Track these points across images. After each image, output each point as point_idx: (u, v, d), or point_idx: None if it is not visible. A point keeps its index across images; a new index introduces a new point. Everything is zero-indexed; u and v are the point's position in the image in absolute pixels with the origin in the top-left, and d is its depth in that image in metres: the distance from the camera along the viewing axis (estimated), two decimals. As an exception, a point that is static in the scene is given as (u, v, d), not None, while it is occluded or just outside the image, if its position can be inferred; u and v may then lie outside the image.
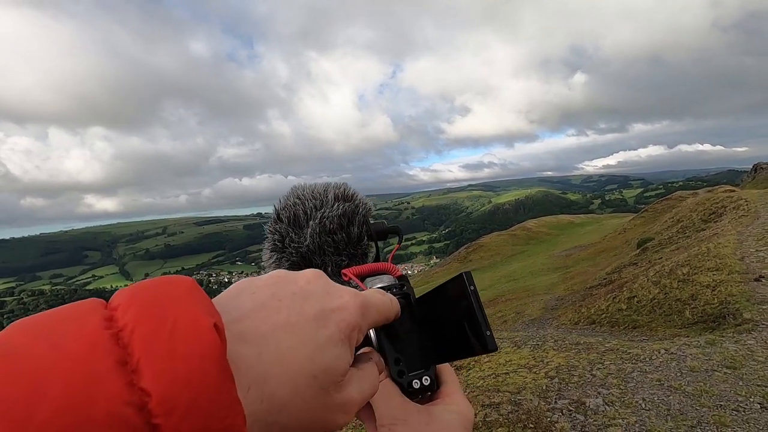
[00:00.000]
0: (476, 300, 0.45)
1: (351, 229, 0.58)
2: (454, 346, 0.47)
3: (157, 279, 0.29)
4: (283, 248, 0.58)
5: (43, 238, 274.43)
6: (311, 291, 0.35)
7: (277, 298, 0.33)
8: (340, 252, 0.58)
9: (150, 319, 0.26)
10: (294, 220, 0.58)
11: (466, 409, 0.49)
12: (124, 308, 0.27)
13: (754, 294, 5.96)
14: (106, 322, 0.26)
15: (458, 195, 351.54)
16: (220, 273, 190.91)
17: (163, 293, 0.28)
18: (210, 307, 0.28)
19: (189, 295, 0.28)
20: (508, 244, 38.33)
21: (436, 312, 0.50)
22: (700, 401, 3.61)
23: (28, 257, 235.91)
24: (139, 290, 0.28)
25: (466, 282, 0.46)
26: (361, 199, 0.62)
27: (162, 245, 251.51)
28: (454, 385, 0.52)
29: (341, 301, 0.35)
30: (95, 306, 0.27)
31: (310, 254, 0.57)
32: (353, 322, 0.35)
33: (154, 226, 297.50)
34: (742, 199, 13.55)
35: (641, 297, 7.57)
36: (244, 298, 0.33)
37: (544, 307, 11.43)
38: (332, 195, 0.59)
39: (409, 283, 0.54)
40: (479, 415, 3.82)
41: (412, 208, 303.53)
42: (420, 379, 0.48)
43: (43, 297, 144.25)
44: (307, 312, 0.33)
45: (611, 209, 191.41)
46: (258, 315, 0.32)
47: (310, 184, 0.61)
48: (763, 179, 43.58)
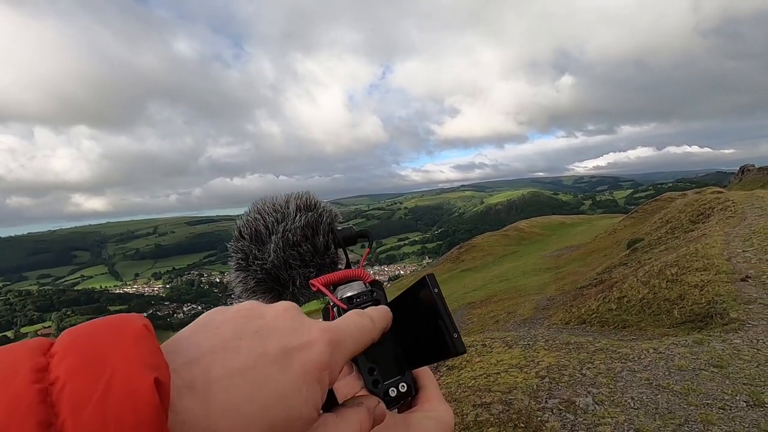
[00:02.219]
0: (441, 302, 0.44)
1: (316, 239, 0.56)
2: (425, 351, 0.46)
3: (102, 321, 0.25)
4: (247, 266, 0.56)
5: (30, 237, 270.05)
6: (275, 328, 0.31)
7: (238, 336, 0.29)
8: (308, 264, 0.55)
9: (84, 373, 0.24)
10: (256, 237, 0.56)
11: (445, 414, 0.47)
12: (60, 357, 0.24)
13: (741, 294, 6.05)
14: (38, 374, 0.24)
15: (450, 195, 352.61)
16: (212, 273, 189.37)
17: (105, 340, 0.25)
18: (155, 356, 0.25)
19: (132, 343, 0.25)
20: (500, 245, 38.51)
21: (405, 316, 0.48)
22: (688, 400, 3.66)
23: (14, 257, 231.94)
24: (79, 335, 0.25)
25: (429, 285, 0.45)
26: (324, 207, 0.59)
27: (152, 245, 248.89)
28: (432, 389, 0.49)
29: (308, 337, 0.31)
30: (33, 352, 0.24)
31: (275, 270, 0.55)
32: (321, 361, 0.31)
33: (145, 225, 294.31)
34: (729, 201, 13.75)
35: (631, 297, 7.65)
36: (206, 335, 0.29)
37: (536, 307, 11.50)
38: (294, 206, 0.57)
39: (382, 289, 0.52)
40: (470, 415, 3.83)
41: (404, 208, 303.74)
42: (396, 387, 0.46)
43: (30, 297, 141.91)
44: (268, 352, 0.29)
45: (602, 210, 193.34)
46: (214, 357, 0.28)
47: (270, 197, 0.59)
48: (749, 181, 44.30)
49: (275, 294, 0.56)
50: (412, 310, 0.47)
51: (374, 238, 0.65)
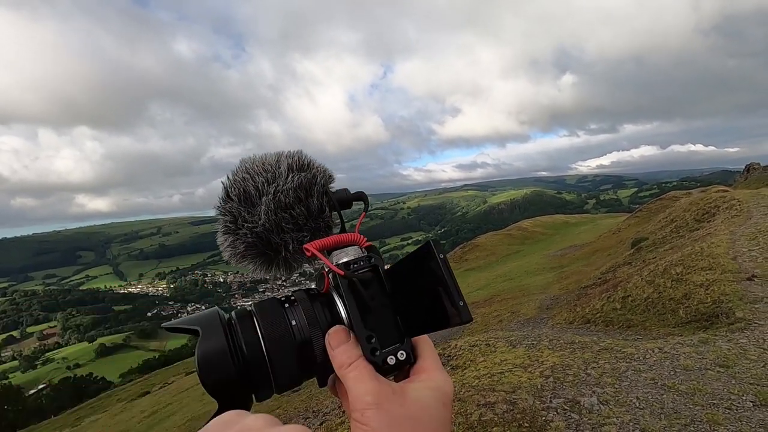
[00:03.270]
0: (446, 269, 0.43)
1: (310, 202, 0.52)
2: (428, 318, 0.45)
3: None
4: (236, 229, 0.52)
5: (35, 238, 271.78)
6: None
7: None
8: (301, 227, 0.52)
9: None
10: (245, 198, 0.52)
11: (443, 383, 0.46)
12: None
13: (747, 293, 6.00)
14: None
15: (453, 195, 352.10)
16: (216, 273, 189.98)
17: None
18: None
19: None
20: (503, 244, 38.40)
21: (407, 283, 0.47)
22: (694, 400, 3.63)
23: (20, 258, 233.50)
24: None
25: (434, 250, 0.43)
26: (318, 167, 0.55)
27: (157, 245, 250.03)
28: (431, 358, 0.48)
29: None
30: None
31: (266, 233, 0.51)
32: None
33: (149, 225, 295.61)
34: (734, 199, 13.66)
35: (635, 296, 7.61)
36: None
37: (539, 307, 11.47)
38: (285, 166, 0.53)
39: (379, 254, 0.51)
40: (474, 415, 3.82)
41: (407, 208, 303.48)
42: (395, 355, 0.45)
43: (36, 297, 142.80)
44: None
45: (606, 209, 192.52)
46: None
47: (260, 156, 0.54)
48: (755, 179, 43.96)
49: (266, 259, 0.53)
50: (414, 276, 0.45)
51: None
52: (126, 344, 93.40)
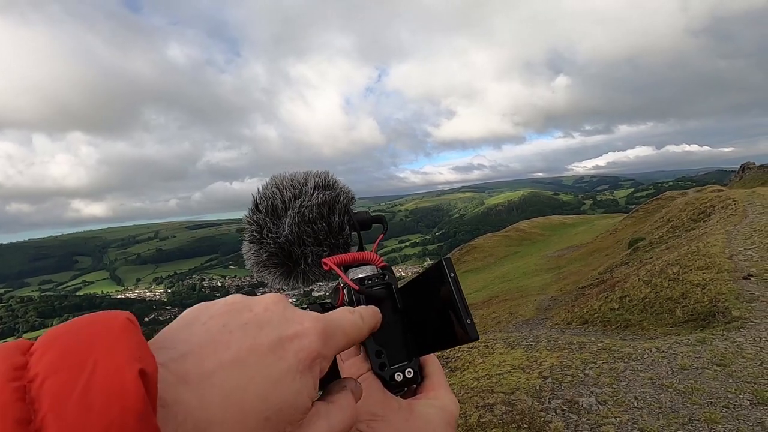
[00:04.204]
0: (456, 287, 0.44)
1: (332, 219, 0.55)
2: (436, 336, 0.46)
3: (86, 318, 0.25)
4: (261, 239, 0.56)
5: (31, 243, 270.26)
6: (266, 319, 0.31)
7: (228, 329, 0.29)
8: (321, 242, 0.55)
9: (65, 368, 0.23)
10: (272, 210, 0.56)
11: (449, 403, 0.47)
12: (40, 354, 0.23)
13: (743, 292, 6.04)
14: (15, 372, 0.23)
15: (451, 197, 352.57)
16: (213, 277, 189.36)
17: (87, 335, 0.24)
18: (140, 349, 0.24)
19: (117, 337, 0.24)
20: (501, 245, 38.48)
21: (417, 302, 0.48)
22: (691, 399, 3.65)
23: (16, 263, 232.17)
24: (62, 332, 0.24)
25: (446, 269, 0.44)
26: (342, 187, 0.59)
27: (154, 250, 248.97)
28: (438, 378, 0.49)
29: (300, 327, 0.31)
30: (10, 352, 0.24)
31: (288, 245, 0.55)
32: (314, 350, 0.31)
33: (146, 230, 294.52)
34: (730, 199, 13.75)
35: (633, 296, 7.64)
36: (194, 330, 0.29)
37: (538, 308, 11.49)
38: (312, 183, 0.56)
39: (392, 273, 0.53)
40: (473, 416, 3.82)
41: (405, 210, 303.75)
42: (402, 372, 0.46)
43: (32, 303, 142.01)
44: (260, 343, 0.29)
45: (603, 209, 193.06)
46: (204, 350, 0.28)
47: (290, 173, 0.58)
48: (750, 179, 44.24)
49: (285, 270, 0.56)
50: (425, 294, 0.47)
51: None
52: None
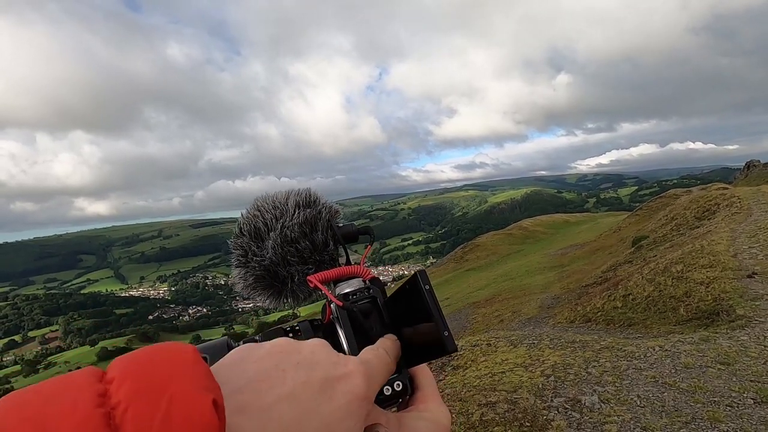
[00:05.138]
0: (432, 300, 0.44)
1: (314, 236, 0.56)
2: (419, 349, 0.46)
3: (155, 348, 0.27)
4: (246, 263, 0.56)
5: (36, 242, 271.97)
6: (316, 360, 0.33)
7: (280, 368, 0.31)
8: (306, 261, 0.55)
9: (144, 396, 0.25)
10: (255, 233, 0.56)
11: (441, 416, 0.46)
12: (119, 382, 0.26)
13: (747, 290, 6.01)
14: (99, 399, 0.25)
15: (453, 195, 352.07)
16: (217, 275, 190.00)
17: (160, 365, 0.26)
18: (209, 380, 0.27)
19: (187, 368, 0.27)
20: (504, 244, 38.41)
21: (402, 314, 0.48)
22: (695, 397, 3.64)
23: (21, 262, 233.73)
24: (134, 361, 0.27)
25: (420, 282, 0.44)
26: (324, 203, 0.59)
27: (157, 248, 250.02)
28: (430, 390, 0.48)
29: (347, 369, 0.33)
30: (90, 380, 0.26)
31: (273, 266, 0.55)
32: (361, 393, 0.33)
33: (150, 229, 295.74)
34: (735, 197, 13.66)
35: (636, 295, 7.61)
36: (248, 366, 0.31)
37: (541, 306, 11.47)
38: (293, 202, 0.57)
39: (381, 285, 0.53)
40: (476, 415, 3.83)
41: (408, 208, 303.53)
42: (391, 386, 0.46)
43: (37, 301, 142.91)
44: (312, 383, 0.32)
45: (606, 208, 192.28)
46: (261, 386, 0.30)
47: (272, 194, 0.59)
48: (755, 177, 43.92)
49: (274, 291, 0.57)
50: (406, 307, 0.47)
51: (378, 238, 0.65)
52: (128, 348, 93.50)
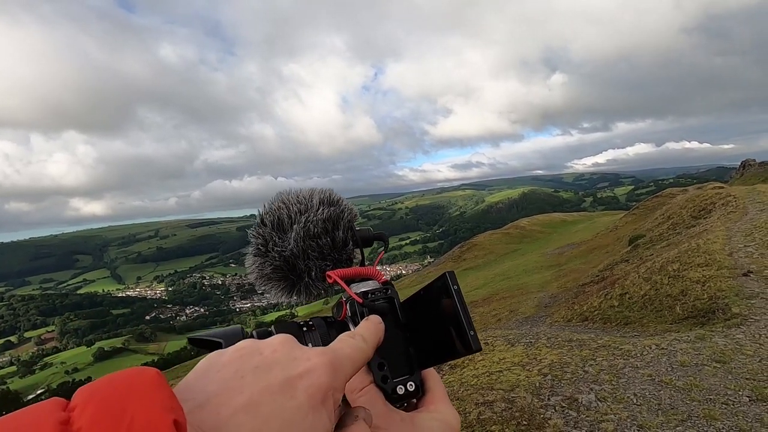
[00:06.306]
0: (460, 300, 0.45)
1: (336, 234, 0.57)
2: (438, 349, 0.47)
3: (117, 374, 0.28)
4: (266, 252, 0.57)
5: (32, 242, 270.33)
6: (275, 360, 0.32)
7: (239, 375, 0.31)
8: (325, 257, 0.57)
9: (105, 420, 0.26)
10: (278, 224, 0.57)
11: (451, 417, 0.47)
12: (81, 408, 0.27)
13: (743, 289, 6.04)
14: (62, 426, 0.26)
15: (450, 194, 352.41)
16: (214, 275, 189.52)
17: (122, 389, 0.27)
18: (171, 400, 0.27)
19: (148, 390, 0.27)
20: (501, 243, 38.48)
21: (420, 315, 0.49)
22: (691, 395, 3.66)
23: (17, 262, 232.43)
24: (98, 387, 0.27)
25: (449, 282, 0.46)
26: (346, 204, 0.60)
27: (154, 248, 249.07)
28: (440, 392, 0.50)
29: (308, 364, 0.33)
30: (53, 408, 0.27)
31: (293, 258, 0.56)
32: (323, 384, 0.33)
33: (146, 229, 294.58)
34: (730, 196, 13.73)
35: (633, 293, 7.64)
36: (210, 378, 0.31)
37: (538, 305, 11.50)
38: (317, 199, 0.58)
39: (394, 288, 0.54)
40: (473, 414, 3.83)
41: (405, 208, 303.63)
42: (404, 385, 0.47)
43: (33, 302, 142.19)
44: (271, 385, 0.31)
45: (603, 207, 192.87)
46: (220, 399, 0.30)
47: (295, 189, 0.60)
48: (751, 176, 44.16)
49: (289, 283, 0.57)
50: (428, 307, 0.48)
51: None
52: (125, 348, 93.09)
